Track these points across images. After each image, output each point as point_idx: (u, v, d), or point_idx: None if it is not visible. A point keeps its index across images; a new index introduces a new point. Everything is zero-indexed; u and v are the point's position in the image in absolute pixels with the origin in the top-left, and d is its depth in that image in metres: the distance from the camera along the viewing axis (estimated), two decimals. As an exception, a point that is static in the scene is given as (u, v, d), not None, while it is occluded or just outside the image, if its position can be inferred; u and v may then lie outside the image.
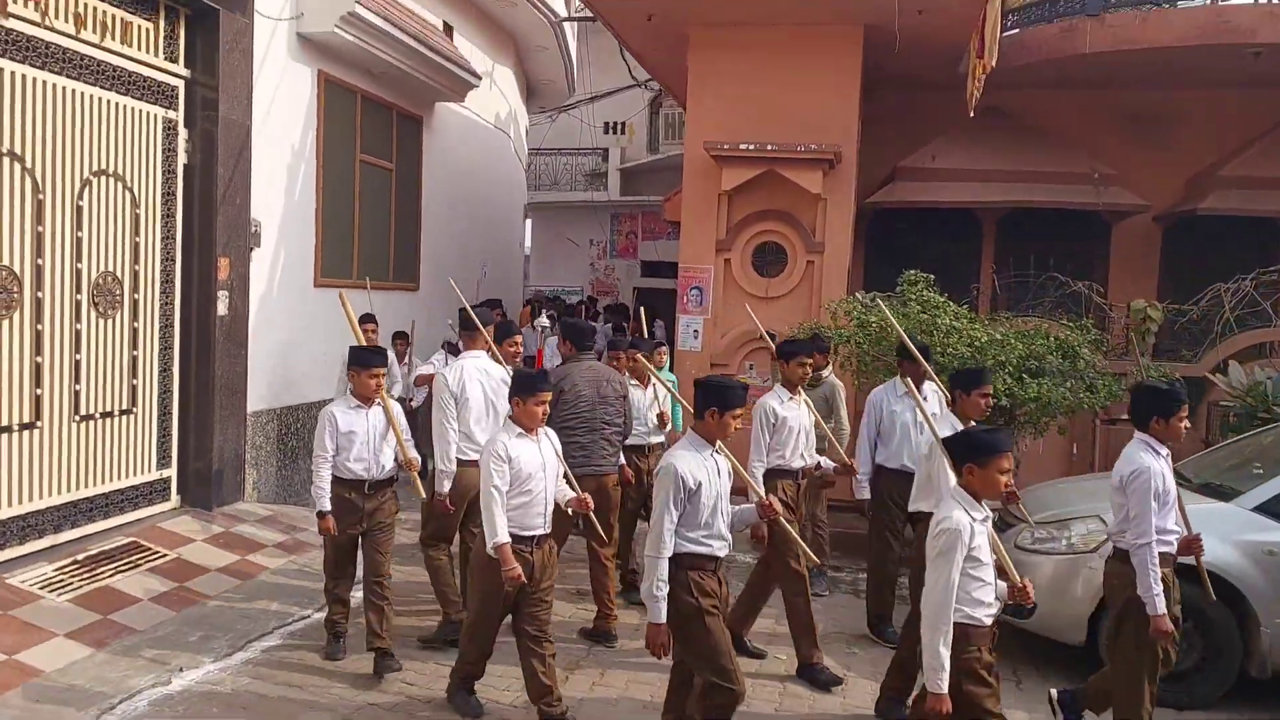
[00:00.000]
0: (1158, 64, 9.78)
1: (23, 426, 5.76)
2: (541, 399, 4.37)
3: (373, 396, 5.08)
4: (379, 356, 5.22)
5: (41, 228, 5.83)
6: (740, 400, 3.92)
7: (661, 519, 3.75)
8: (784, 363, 5.59)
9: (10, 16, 5.52)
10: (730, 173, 9.24)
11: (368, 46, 8.56)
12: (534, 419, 4.37)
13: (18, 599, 5.27)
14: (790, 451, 5.47)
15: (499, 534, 4.20)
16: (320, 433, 5.01)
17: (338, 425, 5.01)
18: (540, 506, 4.37)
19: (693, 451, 3.86)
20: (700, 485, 3.78)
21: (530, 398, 4.34)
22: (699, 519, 3.81)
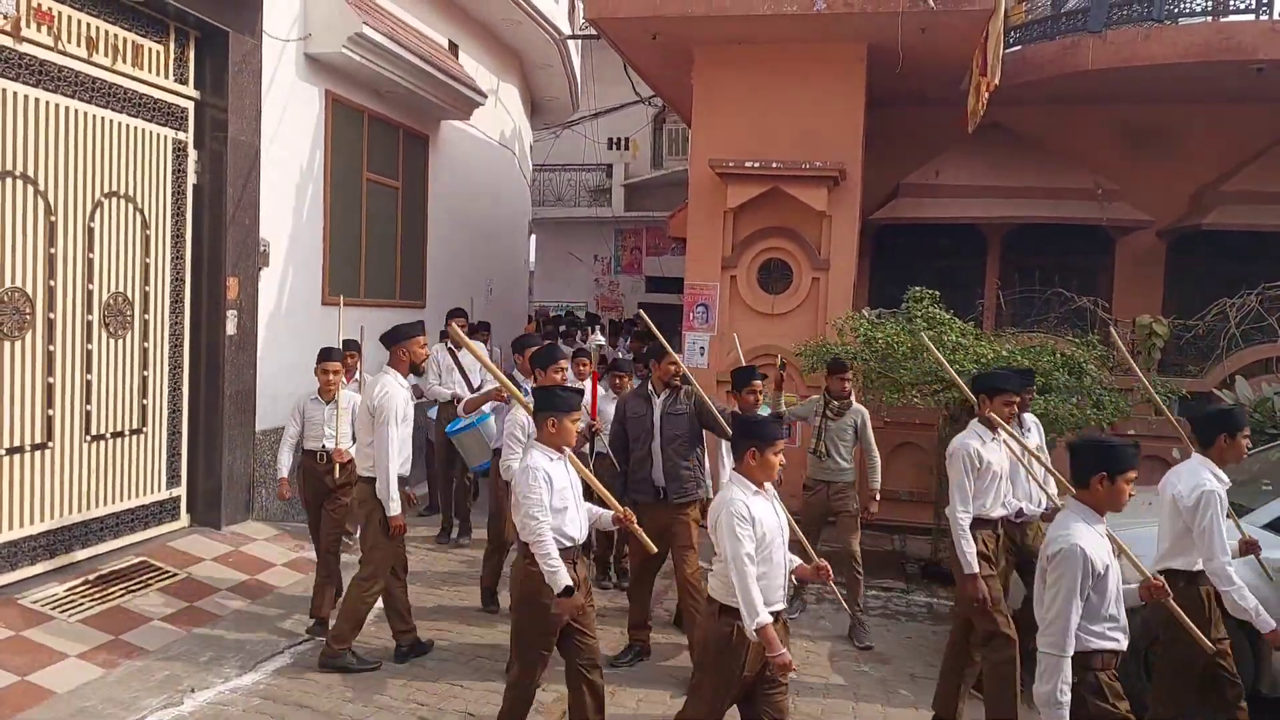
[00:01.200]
0: (1160, 80, 9.83)
1: (35, 447, 5.78)
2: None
3: None
4: None
5: (53, 249, 5.87)
6: (1132, 460, 3.39)
7: (1069, 612, 3.24)
8: (987, 399, 4.98)
9: (23, 41, 5.57)
10: (735, 190, 9.29)
11: (374, 66, 8.62)
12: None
13: (29, 620, 5.28)
14: (991, 500, 4.93)
15: (760, 615, 3.56)
16: None
17: None
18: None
19: (1088, 526, 3.34)
20: (1107, 569, 3.31)
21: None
22: (1104, 609, 3.34)
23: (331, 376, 6.15)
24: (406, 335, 5.44)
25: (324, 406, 6.16)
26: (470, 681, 5.28)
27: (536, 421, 4.29)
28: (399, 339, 5.43)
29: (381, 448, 5.19)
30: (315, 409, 6.17)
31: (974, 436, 4.93)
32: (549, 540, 4.04)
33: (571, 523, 4.20)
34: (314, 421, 6.15)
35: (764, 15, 8.53)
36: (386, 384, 5.30)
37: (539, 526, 4.04)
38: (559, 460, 4.21)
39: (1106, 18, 9.66)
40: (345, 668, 5.28)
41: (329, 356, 6.22)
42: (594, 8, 8.91)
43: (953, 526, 4.81)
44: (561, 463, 4.21)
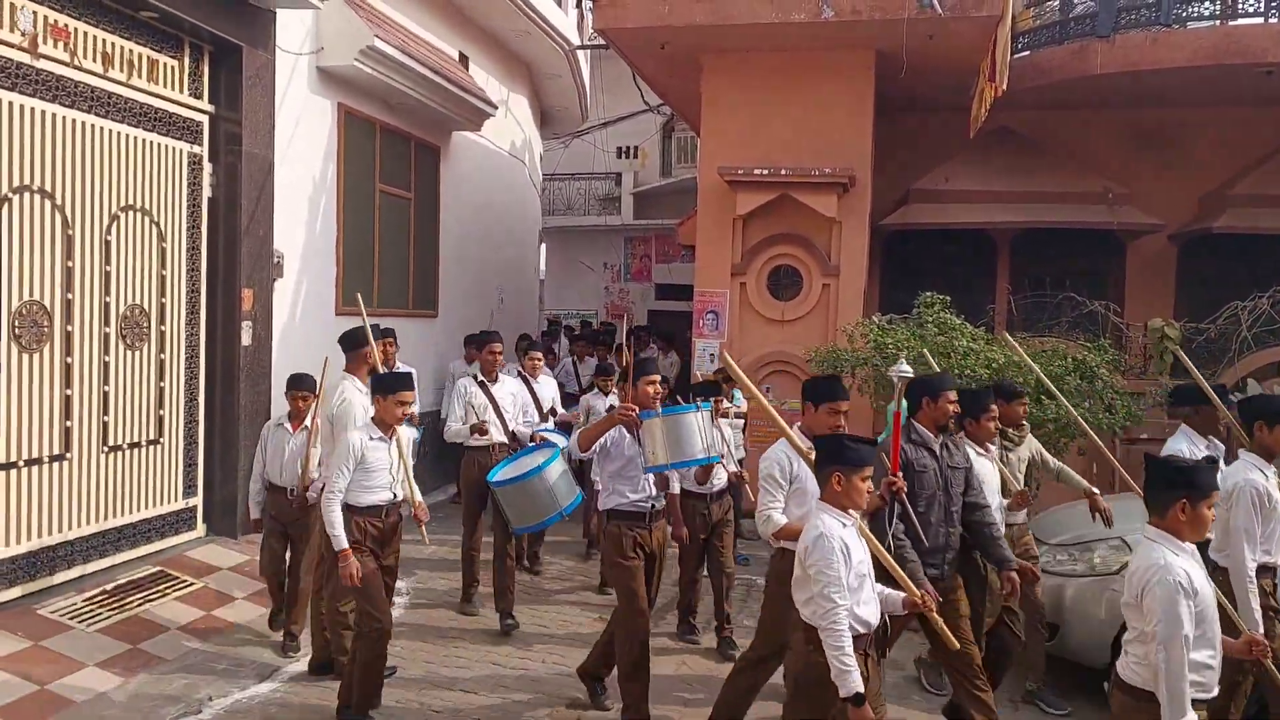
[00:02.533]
0: (1169, 84, 9.83)
1: (53, 458, 5.85)
2: None
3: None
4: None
5: (71, 263, 5.94)
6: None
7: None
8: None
9: (41, 57, 5.65)
10: (744, 197, 9.33)
11: (386, 79, 8.69)
12: None
13: (48, 629, 5.34)
14: (1277, 544, 4.31)
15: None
16: None
17: None
18: None
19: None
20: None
21: None
22: None
23: (301, 405, 5.68)
24: (366, 340, 5.40)
25: (291, 436, 5.66)
26: (489, 687, 5.30)
27: (819, 478, 3.64)
28: (358, 344, 5.37)
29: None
30: (281, 438, 5.68)
31: (1255, 470, 4.28)
32: (846, 631, 3.36)
33: (867, 605, 3.55)
34: (279, 453, 5.65)
35: (771, 24, 8.58)
36: (345, 390, 5.26)
37: (837, 612, 3.36)
38: (850, 526, 3.55)
39: (1115, 22, 9.66)
40: None
41: (299, 384, 5.72)
42: (602, 18, 8.97)
43: (1234, 579, 4.14)
44: (853, 529, 3.57)
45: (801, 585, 3.52)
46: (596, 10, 9.05)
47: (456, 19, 11.09)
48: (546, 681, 5.42)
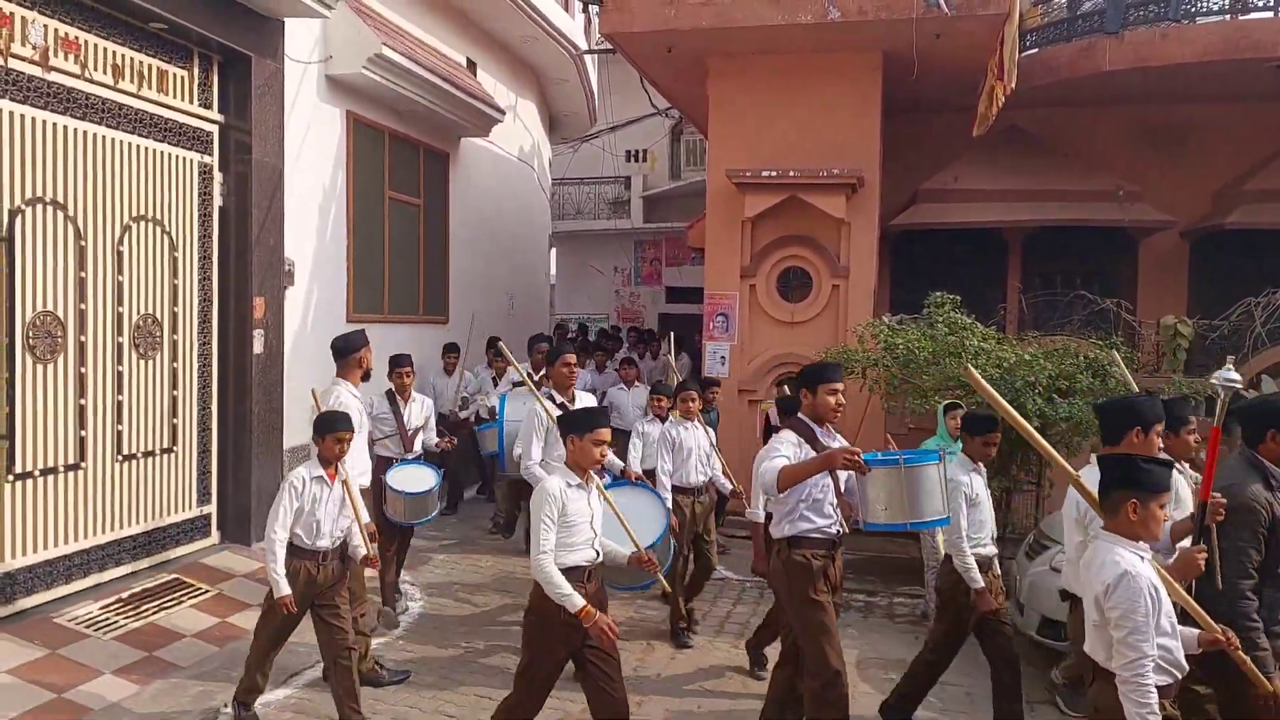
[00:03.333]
0: (1179, 79, 9.79)
1: (68, 468, 5.89)
2: None
3: None
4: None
5: (83, 273, 5.98)
6: None
7: None
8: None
9: (51, 70, 5.70)
10: (753, 199, 9.32)
11: (394, 86, 8.73)
12: None
13: (65, 637, 5.37)
14: None
15: None
16: None
17: None
18: None
19: None
20: None
21: None
22: None
23: (344, 447, 4.60)
24: (358, 345, 5.44)
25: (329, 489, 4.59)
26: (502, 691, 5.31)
27: (1106, 505, 3.17)
28: (351, 349, 5.42)
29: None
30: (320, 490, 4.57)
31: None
32: (1151, 687, 3.00)
33: (1178, 648, 3.21)
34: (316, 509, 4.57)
35: (777, 26, 8.58)
36: (339, 394, 5.26)
37: (1144, 663, 2.99)
38: (1148, 559, 3.14)
39: (1123, 18, 9.64)
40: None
41: (335, 425, 4.56)
42: (609, 23, 8.99)
43: None
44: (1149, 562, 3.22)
45: (1100, 632, 3.08)
46: (602, 15, 9.07)
47: (463, 26, 11.14)
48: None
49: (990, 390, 3.45)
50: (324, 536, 4.57)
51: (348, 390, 5.34)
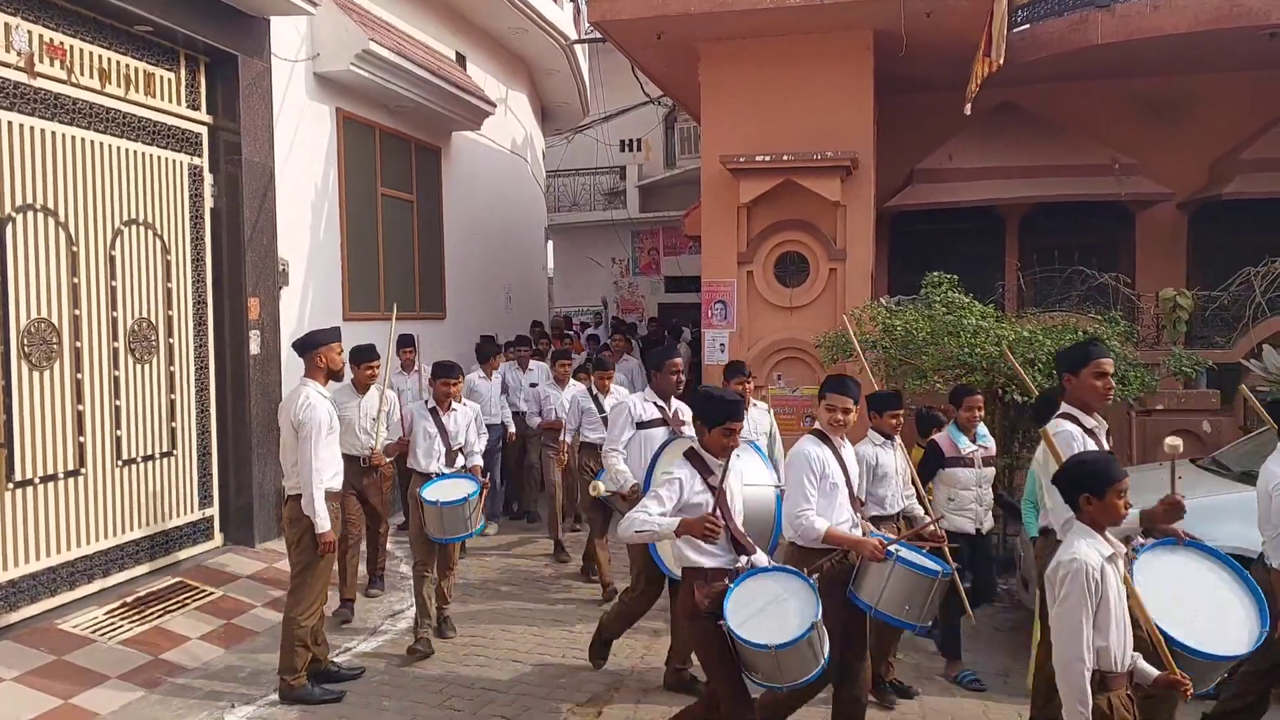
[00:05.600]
0: (1171, 51, 9.72)
1: (68, 474, 5.88)
2: None
3: None
4: None
5: (76, 279, 5.97)
6: None
7: None
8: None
9: (38, 76, 5.67)
10: (748, 185, 9.28)
11: (383, 82, 8.69)
12: None
13: (70, 644, 5.37)
14: None
15: None
16: None
17: None
18: None
19: None
20: None
21: None
22: None
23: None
24: (321, 341, 5.16)
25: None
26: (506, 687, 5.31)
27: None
28: (313, 346, 5.13)
29: (306, 464, 4.92)
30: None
31: None
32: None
33: None
34: None
35: (767, 8, 8.52)
36: (308, 395, 5.01)
37: None
38: None
39: (1114, -9, 9.57)
40: (307, 699, 5.01)
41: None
42: (597, 11, 8.93)
43: None
44: None
45: None
46: (591, 3, 9.01)
47: (452, 19, 11.09)
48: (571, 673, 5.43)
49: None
50: None
51: (315, 390, 5.07)
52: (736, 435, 3.89)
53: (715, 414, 3.84)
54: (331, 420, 5.07)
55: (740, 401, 4.00)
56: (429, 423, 6.07)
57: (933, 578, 4.14)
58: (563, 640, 6.02)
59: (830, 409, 4.35)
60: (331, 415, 5.08)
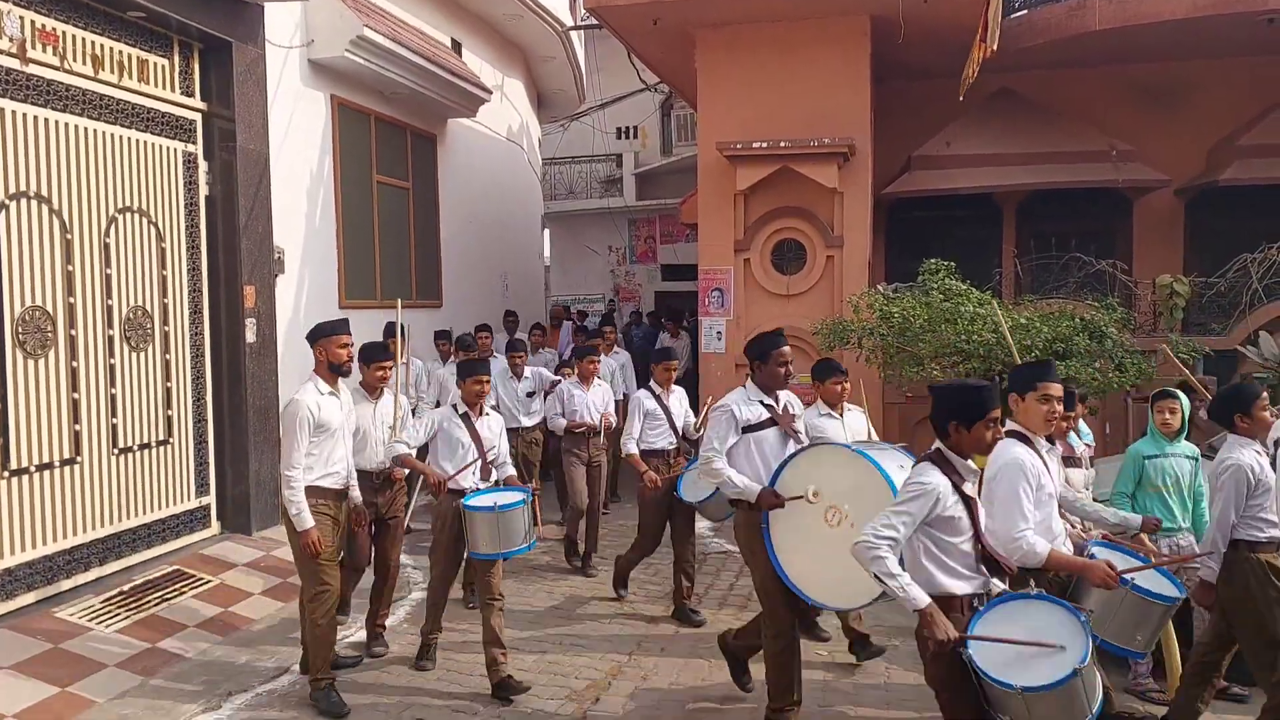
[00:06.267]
0: (1169, 36, 9.70)
1: (64, 462, 5.87)
2: None
3: None
4: None
5: (71, 267, 5.94)
6: None
7: None
8: None
9: (30, 63, 5.63)
10: (744, 172, 9.26)
11: (378, 69, 8.65)
12: None
13: (67, 632, 5.36)
14: None
15: None
16: None
17: None
18: None
19: None
20: None
21: None
22: None
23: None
24: (322, 333, 4.92)
25: None
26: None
27: None
28: (314, 338, 4.93)
29: (283, 460, 4.77)
30: None
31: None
32: None
33: None
34: None
35: (763, -6, 8.50)
36: (300, 391, 4.84)
37: None
38: None
39: (1112, -24, 9.53)
40: (321, 703, 4.79)
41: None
42: (593, -3, 8.90)
43: None
44: None
45: None
46: (587, -11, 8.99)
47: (447, 5, 11.03)
48: (564, 663, 5.43)
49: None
50: None
51: (311, 386, 4.85)
52: None
53: (976, 406, 3.30)
54: (323, 416, 4.80)
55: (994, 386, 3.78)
56: (460, 430, 5.30)
57: (1168, 605, 3.66)
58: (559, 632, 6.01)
59: (1045, 400, 3.75)
60: (320, 410, 4.79)
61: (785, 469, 4.39)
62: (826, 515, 4.21)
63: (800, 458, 4.40)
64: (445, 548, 5.28)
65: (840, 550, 3.61)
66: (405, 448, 5.24)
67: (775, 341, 4.61)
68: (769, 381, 4.59)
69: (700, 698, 5.02)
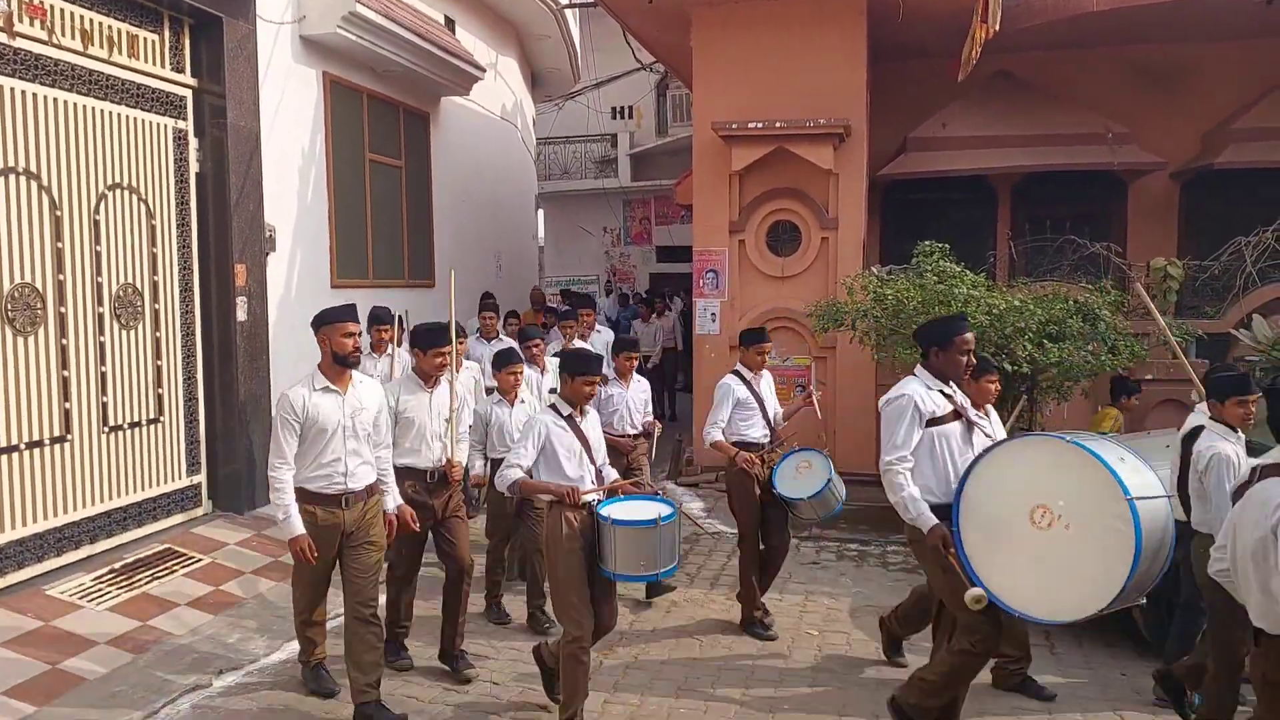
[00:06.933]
0: (1167, 18, 9.64)
1: (53, 440, 5.84)
2: None
3: None
4: None
5: (60, 243, 5.90)
6: None
7: None
8: None
9: (17, 36, 5.57)
10: (740, 152, 9.22)
11: (371, 45, 8.58)
12: None
13: (58, 609, 5.36)
14: None
15: None
16: None
17: None
18: None
19: None
20: None
21: None
22: None
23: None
24: (326, 320, 4.51)
25: None
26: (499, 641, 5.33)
27: None
28: (316, 326, 4.53)
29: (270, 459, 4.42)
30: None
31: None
32: None
33: None
34: None
35: (760, -28, 8.43)
36: (293, 386, 4.51)
37: None
38: None
39: (1110, -43, 9.46)
40: (309, 682, 4.78)
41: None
42: (588, -26, 8.82)
43: None
44: None
45: None
46: (581, -34, 8.91)
47: (441, -18, 10.93)
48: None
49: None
50: None
51: (302, 388, 4.46)
52: None
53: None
54: (314, 413, 4.38)
55: None
56: (567, 434, 4.42)
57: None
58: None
59: (1241, 404, 4.24)
60: (299, 412, 4.36)
61: (979, 467, 3.89)
62: (1033, 515, 3.72)
63: (997, 453, 3.89)
64: (567, 572, 4.26)
65: (1051, 554, 3.54)
66: (519, 471, 4.34)
67: (959, 326, 4.22)
68: (949, 370, 4.17)
69: (691, 677, 5.02)
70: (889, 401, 4.11)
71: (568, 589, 4.23)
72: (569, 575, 4.23)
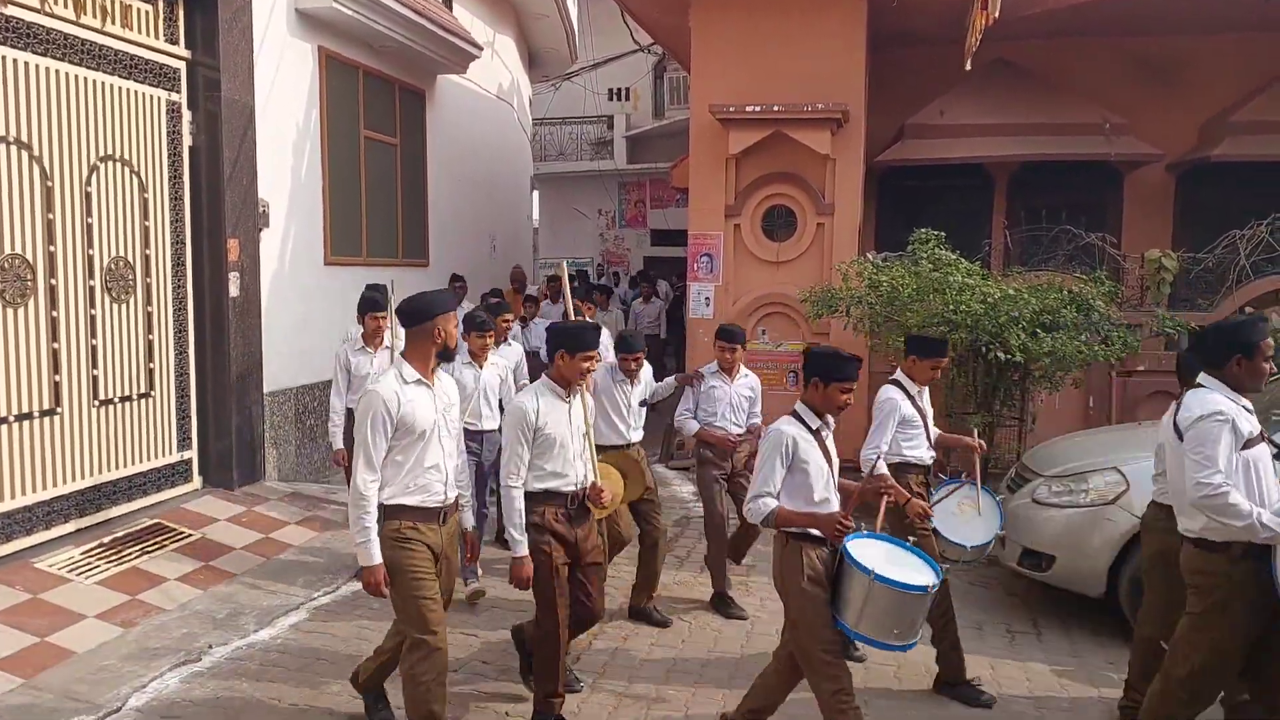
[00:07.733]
0: (1167, 9, 9.63)
1: (43, 413, 5.81)
2: None
3: None
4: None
5: (51, 215, 5.84)
6: None
7: None
8: None
9: (9, 4, 5.50)
10: (737, 136, 9.19)
11: (367, 20, 8.51)
12: None
13: (47, 583, 5.35)
14: None
15: None
16: None
17: None
18: None
19: None
20: None
21: None
22: None
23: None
24: (439, 308, 3.79)
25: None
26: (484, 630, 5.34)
27: None
28: (426, 316, 3.76)
29: (354, 462, 3.75)
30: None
31: None
32: None
33: None
34: None
35: (761, -46, 8.38)
36: (380, 380, 3.80)
37: None
38: None
39: (1111, -53, 9.43)
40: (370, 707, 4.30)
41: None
42: (588, -47, 8.75)
43: None
44: None
45: None
46: (581, -55, 8.83)
47: (439, -42, 10.84)
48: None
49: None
50: None
51: (392, 379, 3.74)
52: None
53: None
54: (397, 414, 3.66)
55: None
56: (813, 449, 3.77)
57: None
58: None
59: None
60: (394, 408, 3.66)
61: None
62: None
63: None
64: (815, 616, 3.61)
65: None
66: (773, 500, 3.66)
67: (1263, 330, 3.55)
68: (1250, 381, 3.54)
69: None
70: (1202, 420, 3.46)
71: (810, 641, 3.57)
72: (816, 619, 3.57)
